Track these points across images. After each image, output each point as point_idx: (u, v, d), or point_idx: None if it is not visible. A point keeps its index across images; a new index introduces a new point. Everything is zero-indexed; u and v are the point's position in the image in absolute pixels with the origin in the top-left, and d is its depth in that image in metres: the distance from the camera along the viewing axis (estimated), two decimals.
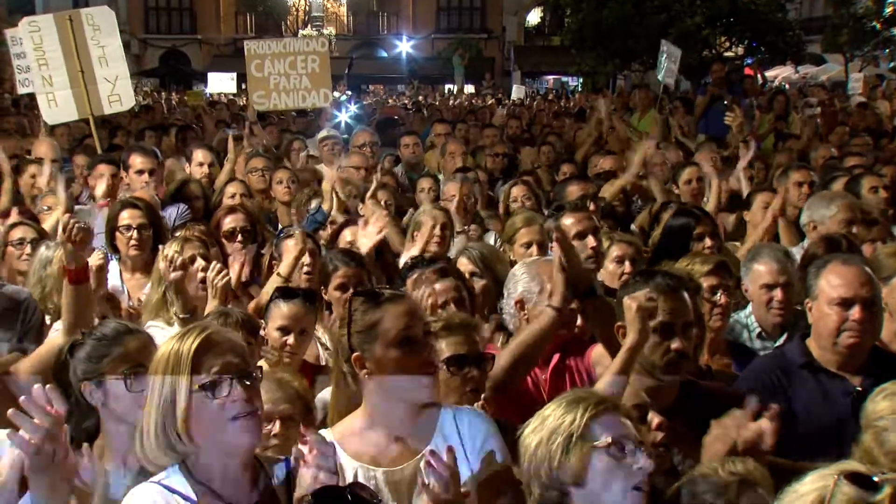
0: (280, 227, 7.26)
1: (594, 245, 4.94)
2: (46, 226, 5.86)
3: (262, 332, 4.23)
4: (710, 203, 6.62)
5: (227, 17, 51.37)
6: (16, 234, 5.46)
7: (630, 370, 3.20)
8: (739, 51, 28.15)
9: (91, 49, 8.57)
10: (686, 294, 3.49)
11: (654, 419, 2.99)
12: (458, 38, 47.87)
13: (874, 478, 1.84)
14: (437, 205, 6.23)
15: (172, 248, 4.62)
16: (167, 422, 2.46)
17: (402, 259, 5.16)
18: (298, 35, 39.17)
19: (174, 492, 2.48)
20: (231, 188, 7.02)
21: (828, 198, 5.89)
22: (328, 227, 6.15)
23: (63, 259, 3.72)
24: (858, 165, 7.88)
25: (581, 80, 36.10)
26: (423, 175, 8.13)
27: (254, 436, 2.55)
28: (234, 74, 23.46)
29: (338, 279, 4.73)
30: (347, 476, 2.75)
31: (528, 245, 5.21)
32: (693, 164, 7.64)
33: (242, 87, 21.57)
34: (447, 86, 40.88)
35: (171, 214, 6.52)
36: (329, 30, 49.59)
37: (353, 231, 5.57)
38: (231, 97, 24.43)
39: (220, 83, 24.80)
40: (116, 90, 8.72)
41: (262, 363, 4.05)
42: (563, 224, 4.91)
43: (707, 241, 5.38)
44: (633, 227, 6.81)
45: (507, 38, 50.04)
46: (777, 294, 4.55)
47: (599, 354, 3.76)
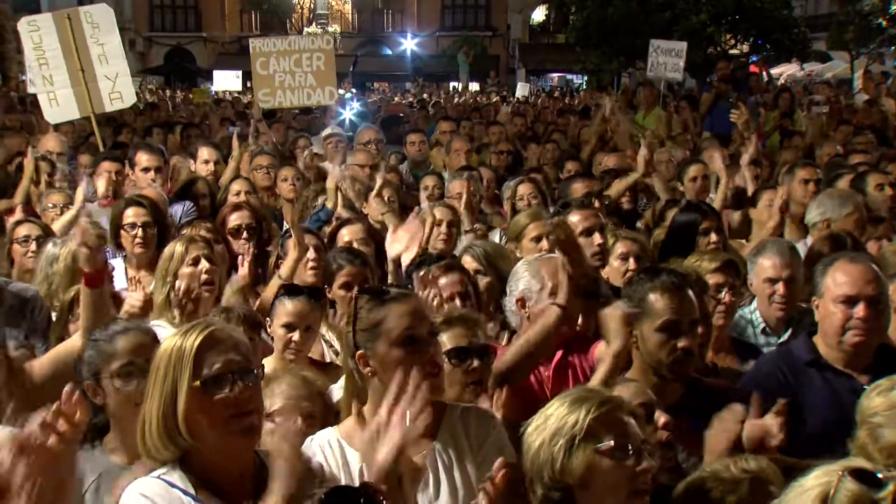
0: (285, 224, 7.29)
1: (600, 242, 4.92)
2: (57, 225, 5.86)
3: (269, 329, 4.24)
4: (717, 200, 6.61)
5: (232, 15, 51.40)
6: (21, 232, 5.47)
7: (615, 377, 3.24)
8: (745, 48, 28.06)
9: (91, 47, 8.57)
10: (691, 292, 3.49)
11: (661, 418, 2.98)
12: (463, 36, 47.85)
13: (878, 475, 1.83)
14: (444, 202, 6.23)
15: (177, 248, 4.62)
16: (169, 417, 2.47)
17: (393, 254, 5.12)
18: (303, 33, 39.20)
19: (174, 486, 2.49)
20: (236, 185, 7.03)
21: (843, 196, 5.87)
22: (333, 224, 6.14)
23: (80, 262, 3.70)
24: (863, 163, 7.86)
25: (586, 78, 36.02)
26: (427, 173, 8.13)
27: (254, 433, 2.56)
28: (240, 72, 23.47)
29: (342, 277, 4.74)
30: (353, 472, 2.75)
31: (538, 239, 5.19)
32: (699, 162, 7.62)
33: (248, 85, 21.55)
34: (452, 83, 40.85)
35: (178, 212, 6.53)
36: (334, 27, 49.60)
37: (351, 230, 5.57)
38: (236, 95, 24.45)
39: (226, 81, 24.84)
40: (117, 87, 8.73)
41: (270, 360, 4.08)
42: (570, 221, 4.90)
43: (713, 236, 5.37)
44: (639, 225, 6.80)
45: (512, 36, 49.97)
46: (779, 288, 4.53)
47: (602, 353, 3.75)
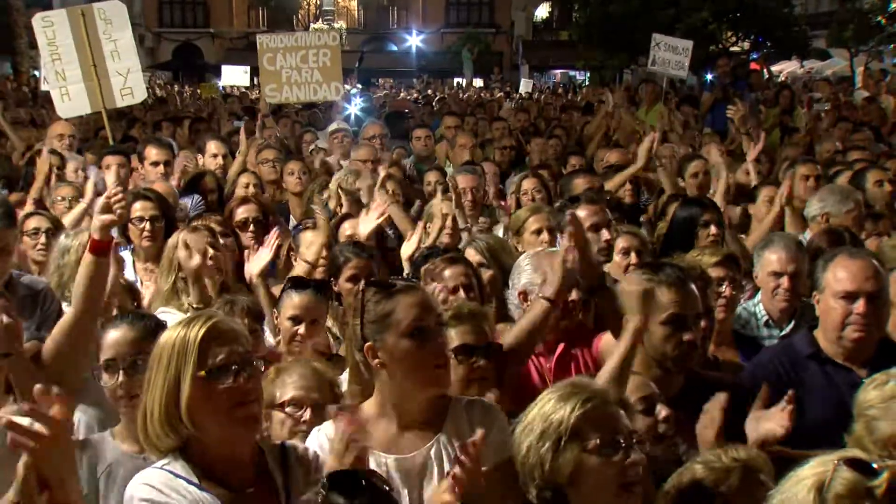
0: (291, 218, 7.31)
1: (608, 238, 4.93)
2: (67, 219, 5.86)
3: (276, 321, 4.26)
4: (718, 194, 6.59)
5: (240, 12, 51.43)
6: (31, 224, 5.46)
7: (634, 356, 3.16)
8: (746, 45, 27.98)
9: (103, 43, 8.57)
10: (693, 286, 3.48)
11: (662, 411, 2.98)
12: (468, 33, 47.82)
13: (873, 464, 1.84)
14: (450, 196, 6.22)
15: (182, 237, 4.63)
16: (171, 405, 2.48)
17: (405, 249, 5.15)
18: (310, 29, 39.15)
19: (177, 476, 2.50)
20: (244, 178, 7.08)
21: (844, 192, 5.88)
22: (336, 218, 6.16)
23: (92, 229, 3.69)
24: (861, 159, 7.86)
25: (588, 75, 35.96)
26: (431, 168, 8.13)
27: (256, 422, 2.57)
28: (248, 67, 23.40)
29: (349, 270, 4.75)
30: None
31: (539, 232, 5.20)
32: (700, 158, 7.61)
33: (255, 81, 21.54)
34: (456, 79, 40.81)
35: (188, 204, 6.56)
36: (340, 24, 49.63)
37: (353, 223, 5.58)
38: (243, 90, 24.43)
39: (234, 76, 24.78)
40: (128, 83, 8.73)
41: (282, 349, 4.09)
42: (578, 215, 4.90)
43: (713, 229, 5.39)
44: (642, 220, 6.80)
45: (516, 33, 49.91)
46: (784, 282, 4.53)
47: (609, 344, 3.75)
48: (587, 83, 34.47)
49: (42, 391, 1.94)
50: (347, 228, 5.60)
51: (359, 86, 29.95)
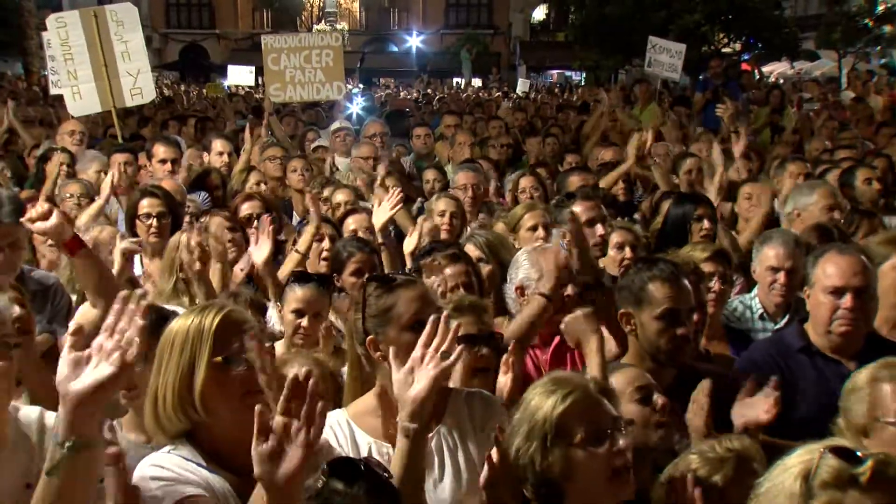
0: (294, 214, 7.33)
1: (602, 233, 4.93)
2: (83, 218, 5.85)
3: (279, 313, 4.25)
4: (713, 191, 6.57)
5: (245, 13, 51.36)
6: None
7: (605, 369, 3.23)
8: (737, 47, 27.99)
9: (114, 44, 8.59)
10: (687, 281, 3.48)
11: (659, 400, 2.98)
12: (467, 34, 47.79)
13: (858, 452, 1.85)
14: (448, 193, 6.23)
15: (186, 236, 4.62)
16: (184, 391, 2.48)
17: (407, 245, 5.15)
18: (313, 30, 39.11)
19: (187, 459, 2.50)
20: (254, 177, 7.19)
21: (809, 187, 5.92)
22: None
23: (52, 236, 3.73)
24: (849, 158, 7.86)
25: (584, 75, 35.96)
26: (429, 166, 8.14)
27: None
28: (253, 68, 23.36)
29: (353, 265, 4.74)
30: (362, 451, 2.76)
31: (534, 228, 5.20)
32: (694, 156, 7.61)
33: (260, 81, 21.51)
34: (455, 79, 40.77)
35: (197, 199, 6.58)
36: (342, 25, 49.55)
37: (356, 219, 5.58)
38: (248, 89, 24.40)
39: (239, 76, 24.73)
40: (138, 83, 8.75)
41: (280, 345, 4.08)
42: (574, 210, 4.90)
43: (705, 223, 5.41)
44: (636, 216, 6.79)
45: (513, 34, 49.86)
46: (780, 277, 4.53)
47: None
48: (583, 83, 34.48)
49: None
50: (351, 224, 5.60)
51: (360, 85, 29.96)
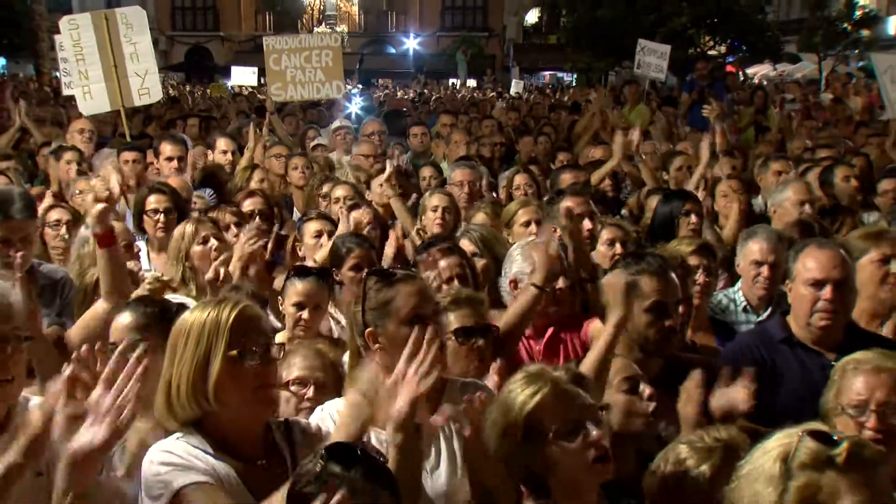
0: (295, 210, 7.32)
1: (590, 228, 4.94)
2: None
3: (281, 308, 4.26)
4: (692, 184, 6.53)
5: (248, 16, 51.26)
6: (52, 216, 5.43)
7: (615, 346, 3.11)
8: (722, 49, 28.03)
9: (124, 45, 8.59)
10: (674, 274, 3.49)
11: (646, 390, 2.98)
12: (462, 36, 47.72)
13: (834, 436, 1.89)
14: (441, 189, 6.23)
15: (187, 229, 4.63)
16: (199, 381, 2.48)
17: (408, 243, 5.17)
18: (313, 32, 38.98)
19: (195, 447, 2.51)
20: (258, 175, 7.19)
21: (784, 183, 5.98)
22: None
23: (90, 224, 3.71)
24: (829, 157, 7.88)
25: (575, 76, 35.91)
26: (426, 164, 8.14)
27: (275, 403, 2.60)
28: (255, 68, 23.27)
29: (352, 260, 4.72)
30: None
31: (528, 224, 5.20)
32: (683, 153, 7.62)
33: (262, 82, 21.44)
34: (451, 80, 40.71)
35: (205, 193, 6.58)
36: (342, 27, 49.43)
37: (357, 214, 5.58)
38: (251, 89, 24.33)
39: (242, 76, 24.62)
40: (146, 84, 8.75)
41: (281, 335, 4.08)
42: (564, 205, 4.89)
43: (693, 218, 5.43)
44: (624, 212, 6.79)
45: (507, 37, 49.81)
46: (764, 271, 4.53)
47: (597, 329, 3.75)
48: (574, 84, 34.45)
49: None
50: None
51: (359, 86, 29.87)
